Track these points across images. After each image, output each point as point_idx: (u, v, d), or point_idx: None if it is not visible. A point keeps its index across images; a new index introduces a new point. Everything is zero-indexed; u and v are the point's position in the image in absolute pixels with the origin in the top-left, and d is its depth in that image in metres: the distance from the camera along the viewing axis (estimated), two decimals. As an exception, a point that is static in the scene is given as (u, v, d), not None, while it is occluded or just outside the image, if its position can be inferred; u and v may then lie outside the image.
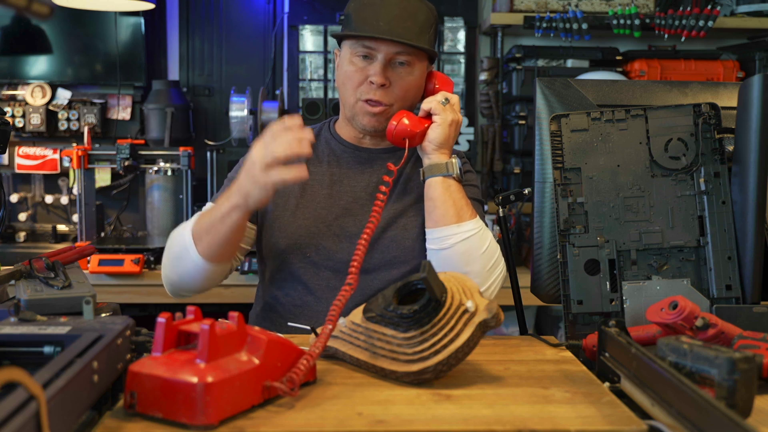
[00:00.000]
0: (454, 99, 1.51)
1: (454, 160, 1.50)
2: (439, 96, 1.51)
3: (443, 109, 1.49)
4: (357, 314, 1.18)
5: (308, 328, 1.30)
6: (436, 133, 1.48)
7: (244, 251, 1.59)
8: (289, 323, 1.47)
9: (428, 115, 1.51)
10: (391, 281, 1.46)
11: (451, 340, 1.06)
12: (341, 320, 1.19)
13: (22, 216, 3.26)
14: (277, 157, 1.25)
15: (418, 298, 1.13)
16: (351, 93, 1.52)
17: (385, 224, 1.54)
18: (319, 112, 3.10)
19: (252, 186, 1.29)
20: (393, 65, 1.49)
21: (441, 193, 1.47)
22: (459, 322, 1.07)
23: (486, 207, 3.02)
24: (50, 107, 3.24)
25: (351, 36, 1.49)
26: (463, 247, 1.45)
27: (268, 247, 1.59)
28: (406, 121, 1.49)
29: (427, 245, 1.50)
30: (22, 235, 3.21)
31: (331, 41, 3.15)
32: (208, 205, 1.59)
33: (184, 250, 1.44)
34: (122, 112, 3.32)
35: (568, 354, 1.27)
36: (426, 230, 1.51)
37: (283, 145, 1.25)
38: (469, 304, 1.08)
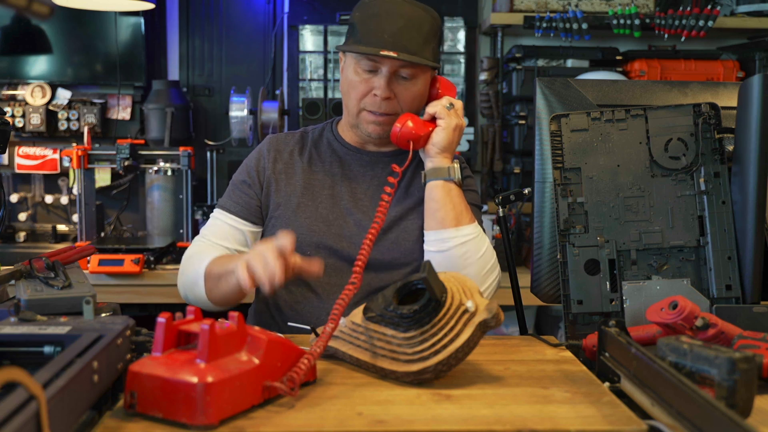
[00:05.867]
0: (458, 104, 1.54)
1: (456, 165, 1.52)
2: (444, 100, 1.53)
3: (448, 114, 1.51)
4: (357, 314, 1.18)
5: (308, 327, 1.30)
6: (440, 136, 1.50)
7: None
8: (289, 323, 1.47)
9: (432, 119, 1.52)
10: (390, 282, 1.46)
11: (451, 340, 1.06)
12: (342, 320, 1.19)
13: (22, 216, 3.26)
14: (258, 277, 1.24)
15: (418, 298, 1.13)
16: (355, 102, 1.54)
17: (387, 226, 1.55)
18: (319, 112, 3.10)
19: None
20: (397, 77, 1.50)
21: (441, 197, 1.50)
22: (459, 322, 1.07)
23: (486, 207, 3.04)
24: (50, 107, 3.24)
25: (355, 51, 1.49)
26: (460, 250, 1.47)
27: None
28: (410, 123, 1.50)
29: (425, 247, 1.51)
30: (22, 235, 3.21)
31: (331, 41, 3.15)
32: (217, 212, 1.60)
33: (195, 284, 1.50)
34: (122, 112, 3.32)
35: (568, 354, 1.27)
36: (425, 232, 1.53)
37: (264, 270, 1.22)
38: (469, 304, 1.08)
